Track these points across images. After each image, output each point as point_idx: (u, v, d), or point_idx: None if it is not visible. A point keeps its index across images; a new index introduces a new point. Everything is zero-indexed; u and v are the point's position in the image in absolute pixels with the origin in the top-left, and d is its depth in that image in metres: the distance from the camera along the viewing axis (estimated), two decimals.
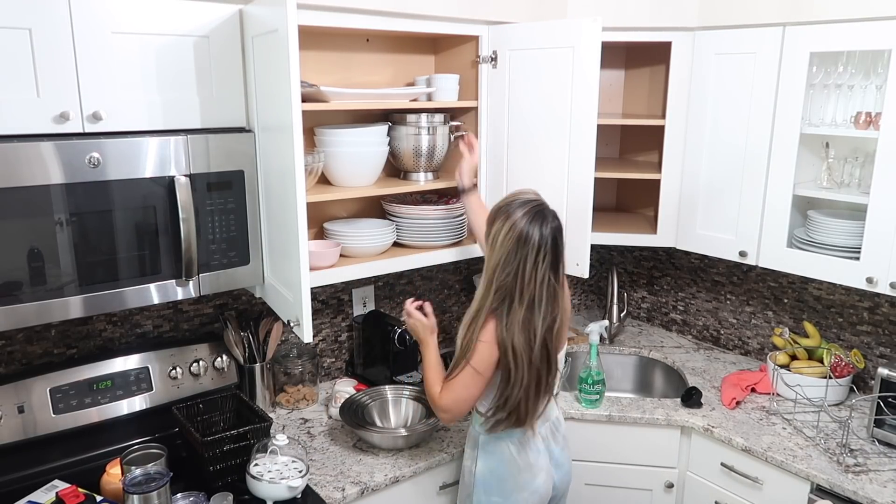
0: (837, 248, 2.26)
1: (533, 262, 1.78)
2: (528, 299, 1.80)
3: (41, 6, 1.54)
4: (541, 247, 1.78)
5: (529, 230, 1.78)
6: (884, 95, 2.08)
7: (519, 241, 1.78)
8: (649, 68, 2.97)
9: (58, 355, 2.06)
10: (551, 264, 1.81)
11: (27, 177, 1.54)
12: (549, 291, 1.82)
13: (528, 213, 1.79)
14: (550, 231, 1.79)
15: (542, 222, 1.79)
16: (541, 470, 1.98)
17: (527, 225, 1.78)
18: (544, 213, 1.81)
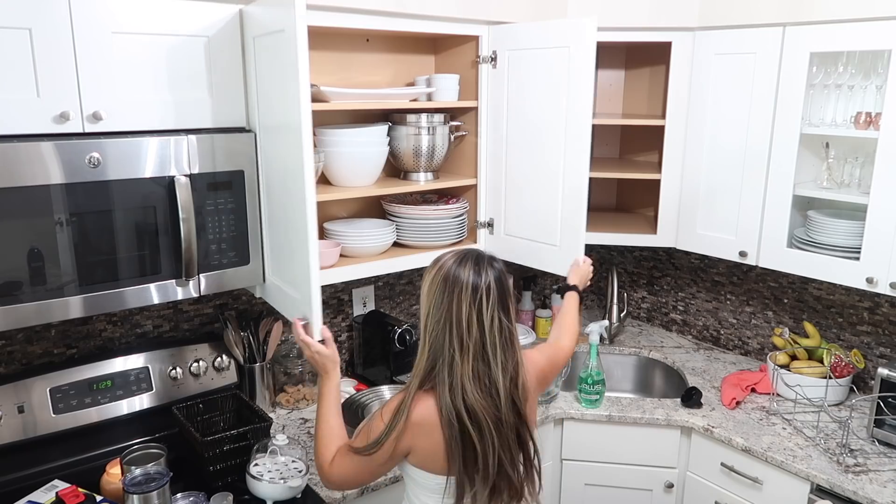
0: (837, 248, 2.26)
1: (469, 303, 1.48)
2: (475, 348, 1.49)
3: (41, 6, 1.54)
4: (477, 287, 1.48)
5: (457, 271, 1.50)
6: (884, 95, 2.08)
7: (446, 283, 1.50)
8: (649, 68, 2.97)
9: (58, 355, 2.06)
10: (498, 303, 1.50)
11: (27, 177, 1.54)
12: (502, 335, 1.51)
13: (457, 258, 1.53)
14: (486, 272, 1.51)
15: (475, 265, 1.51)
16: None
17: (455, 266, 1.51)
18: (479, 257, 1.54)
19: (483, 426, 1.49)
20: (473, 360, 1.49)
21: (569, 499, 2.55)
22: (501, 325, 1.51)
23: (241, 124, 1.89)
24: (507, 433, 1.52)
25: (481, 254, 1.56)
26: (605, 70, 3.07)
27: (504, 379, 1.50)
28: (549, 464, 2.50)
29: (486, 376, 1.50)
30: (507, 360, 1.51)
